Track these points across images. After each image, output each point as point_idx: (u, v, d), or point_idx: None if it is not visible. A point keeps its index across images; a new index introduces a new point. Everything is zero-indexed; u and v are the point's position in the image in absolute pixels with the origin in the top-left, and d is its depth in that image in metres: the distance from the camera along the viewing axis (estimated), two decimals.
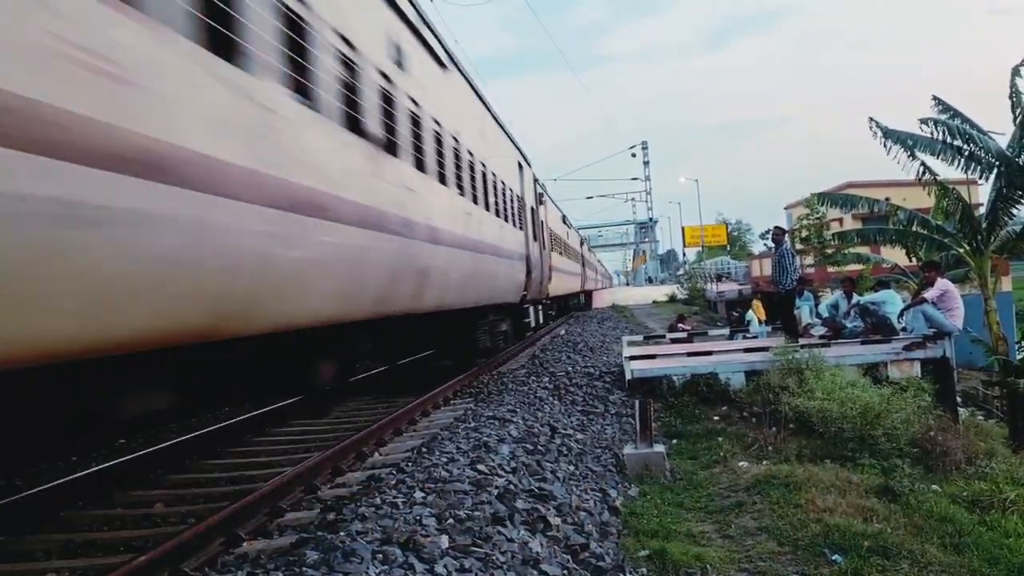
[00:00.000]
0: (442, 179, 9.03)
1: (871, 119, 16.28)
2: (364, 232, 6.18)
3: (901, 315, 11.59)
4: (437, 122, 8.99)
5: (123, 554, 4.44)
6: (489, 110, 12.82)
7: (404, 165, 7.59)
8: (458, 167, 9.94)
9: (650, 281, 67.64)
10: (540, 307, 19.40)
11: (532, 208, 16.73)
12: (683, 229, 66.70)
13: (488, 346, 13.11)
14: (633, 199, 71.73)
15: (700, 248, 68.98)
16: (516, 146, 15.65)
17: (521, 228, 14.74)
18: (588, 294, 40.35)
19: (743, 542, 5.42)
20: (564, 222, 27.48)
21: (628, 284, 78.39)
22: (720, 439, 8.48)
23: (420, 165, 8.14)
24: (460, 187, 9.94)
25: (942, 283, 11.13)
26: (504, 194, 13.29)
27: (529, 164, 17.28)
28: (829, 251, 25.41)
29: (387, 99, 7.17)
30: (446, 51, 9.88)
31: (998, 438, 9.66)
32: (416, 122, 8.15)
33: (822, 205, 21.62)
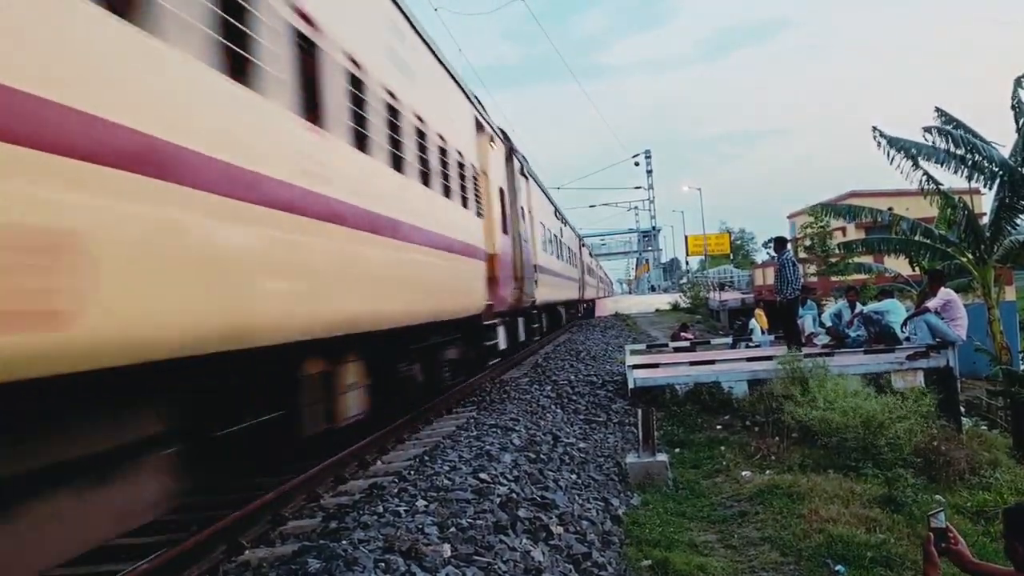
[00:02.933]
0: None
1: (875, 128, 16.27)
2: None
3: (904, 324, 11.57)
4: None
5: (125, 561, 4.43)
6: (429, 46, 8.70)
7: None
8: (344, 100, 5.81)
9: (653, 290, 67.51)
10: (519, 321, 14.48)
11: (502, 188, 12.31)
12: (686, 238, 66.70)
13: (411, 389, 8.21)
14: (636, 208, 71.86)
15: (703, 257, 68.96)
16: (472, 101, 11.15)
17: (479, 212, 10.46)
18: (590, 303, 39.15)
19: (746, 552, 5.41)
20: (557, 215, 22.30)
21: (630, 292, 78.29)
22: (723, 448, 8.47)
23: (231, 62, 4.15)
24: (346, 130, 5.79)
25: (945, 293, 11.11)
26: (446, 160, 8.87)
27: (494, 127, 12.64)
28: (833, 260, 25.32)
29: None
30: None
31: (1002, 448, 9.62)
32: None
33: (825, 215, 21.61)
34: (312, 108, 5.28)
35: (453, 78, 10.01)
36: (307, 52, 5.29)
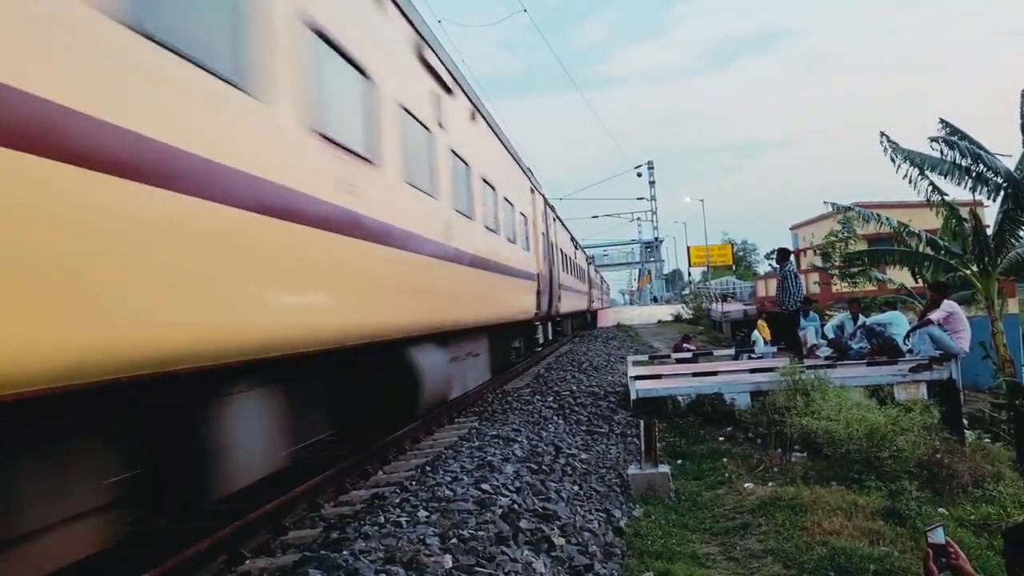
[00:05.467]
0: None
1: (882, 133, 16.29)
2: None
3: (907, 337, 11.55)
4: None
5: (124, 570, 4.42)
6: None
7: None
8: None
9: (655, 301, 67.46)
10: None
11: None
12: (688, 249, 66.66)
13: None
14: (639, 218, 71.89)
15: (705, 268, 68.88)
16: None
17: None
18: (594, 313, 40.64)
19: (748, 564, 5.39)
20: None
21: (632, 303, 78.19)
22: (725, 460, 8.45)
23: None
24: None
25: (948, 305, 11.09)
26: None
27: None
28: (855, 269, 25.03)
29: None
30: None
31: (1005, 461, 9.58)
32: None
33: (845, 217, 21.48)
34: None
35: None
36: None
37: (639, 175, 65.50)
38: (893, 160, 16.11)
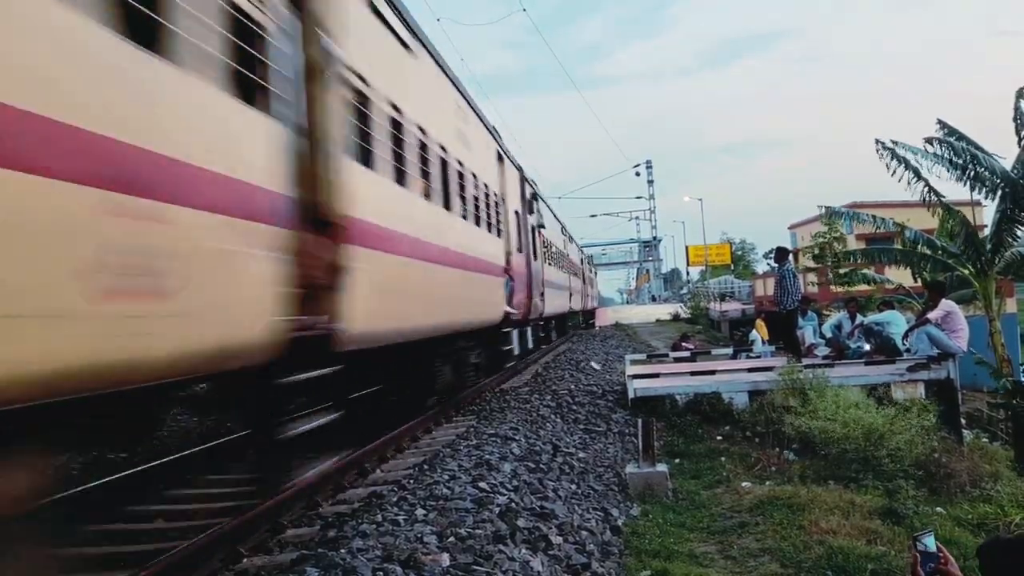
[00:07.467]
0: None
1: (877, 140, 16.32)
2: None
3: (905, 336, 11.56)
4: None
5: (122, 569, 4.41)
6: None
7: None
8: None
9: (654, 300, 67.48)
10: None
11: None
12: (687, 248, 66.68)
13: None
14: (637, 218, 71.89)
15: (704, 267, 68.87)
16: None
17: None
18: (591, 312, 41.07)
19: (746, 563, 5.39)
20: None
21: (630, 303, 78.18)
22: (723, 459, 8.45)
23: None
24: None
25: (946, 304, 11.11)
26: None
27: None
28: (843, 271, 25.08)
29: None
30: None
31: (1003, 461, 9.59)
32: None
33: (830, 219, 21.55)
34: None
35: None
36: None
37: (637, 174, 65.59)
38: (888, 167, 16.13)
